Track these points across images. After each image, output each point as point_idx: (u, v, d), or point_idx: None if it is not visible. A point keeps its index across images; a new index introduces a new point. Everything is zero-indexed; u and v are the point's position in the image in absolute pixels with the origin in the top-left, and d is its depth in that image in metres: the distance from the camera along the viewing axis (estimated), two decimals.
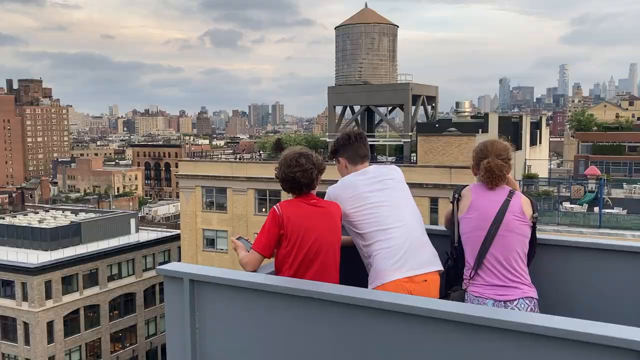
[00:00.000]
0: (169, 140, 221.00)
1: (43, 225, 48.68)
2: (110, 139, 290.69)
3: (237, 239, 3.31)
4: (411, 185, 3.54)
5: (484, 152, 3.36)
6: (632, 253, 3.27)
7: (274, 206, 3.16)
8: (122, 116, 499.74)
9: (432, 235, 3.59)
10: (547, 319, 2.07)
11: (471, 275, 3.22)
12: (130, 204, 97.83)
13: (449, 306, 2.25)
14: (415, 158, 37.77)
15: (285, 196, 3.33)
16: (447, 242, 3.50)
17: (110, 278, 47.89)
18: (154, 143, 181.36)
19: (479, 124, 40.75)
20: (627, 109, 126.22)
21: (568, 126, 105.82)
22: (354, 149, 3.58)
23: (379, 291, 3.05)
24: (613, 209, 29.89)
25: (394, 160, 42.49)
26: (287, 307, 2.53)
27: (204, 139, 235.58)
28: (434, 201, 33.47)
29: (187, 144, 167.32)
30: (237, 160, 46.12)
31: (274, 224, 3.11)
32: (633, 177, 50.42)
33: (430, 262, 3.29)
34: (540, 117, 65.63)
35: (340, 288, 2.56)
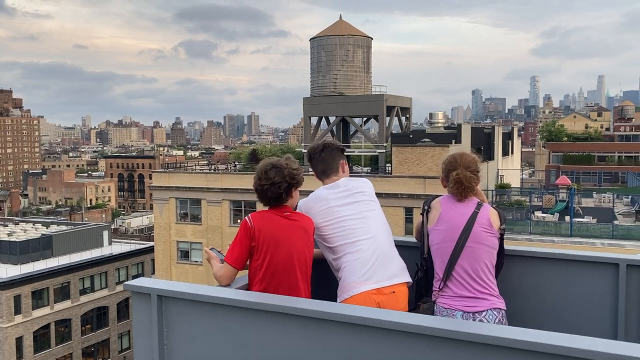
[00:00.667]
0: (143, 151, 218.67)
1: (12, 239, 47.53)
2: (83, 150, 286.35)
3: (211, 249, 3.29)
4: (386, 195, 3.59)
5: (453, 164, 3.39)
6: (598, 263, 3.33)
7: (246, 217, 3.13)
8: (95, 127, 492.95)
9: (403, 246, 3.61)
10: (514, 331, 2.09)
11: (440, 287, 3.24)
12: (103, 216, 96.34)
13: (415, 319, 2.25)
14: (390, 168, 38.01)
15: (260, 207, 3.30)
16: (417, 253, 3.52)
17: (83, 291, 46.97)
18: (128, 154, 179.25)
19: (452, 134, 41.23)
20: (595, 119, 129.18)
21: (539, 137, 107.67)
22: (322, 161, 3.57)
23: (346, 305, 3.04)
24: (583, 217, 30.46)
25: (369, 170, 42.70)
26: (256, 322, 2.51)
27: (179, 149, 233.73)
28: (408, 211, 33.70)
29: (161, 155, 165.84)
30: (212, 171, 45.81)
31: (246, 235, 3.08)
32: (602, 187, 51.46)
33: (398, 274, 3.29)
34: (512, 128, 66.67)
35: (307, 302, 2.55)
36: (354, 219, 3.34)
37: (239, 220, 38.50)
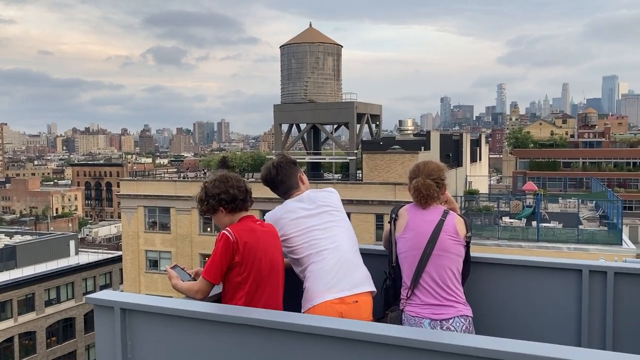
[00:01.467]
0: (111, 159, 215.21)
1: None
2: (49, 158, 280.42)
3: (172, 267, 3.20)
4: (357, 202, 3.60)
5: (416, 172, 3.42)
6: (562, 270, 3.38)
7: (224, 231, 3.04)
8: (61, 135, 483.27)
9: (372, 255, 3.61)
10: (480, 340, 2.10)
11: (408, 295, 3.25)
12: (70, 225, 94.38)
13: (378, 329, 2.25)
14: (360, 175, 38.19)
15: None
16: (386, 261, 3.52)
17: (48, 303, 45.84)
18: (95, 162, 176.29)
19: (421, 141, 41.71)
20: (560, 126, 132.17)
21: (506, 143, 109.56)
22: (282, 183, 3.56)
23: (308, 315, 3.03)
24: (550, 222, 31.03)
25: (340, 177, 42.83)
26: (221, 334, 2.48)
27: (147, 157, 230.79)
28: (379, 217, 33.92)
29: (130, 162, 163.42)
30: (181, 179, 45.34)
31: (228, 250, 2.99)
32: (568, 192, 52.63)
33: (362, 283, 3.29)
34: (480, 135, 67.78)
35: (269, 313, 2.54)
36: (319, 229, 3.34)
37: (209, 229, 38.15)
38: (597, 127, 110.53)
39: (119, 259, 47.75)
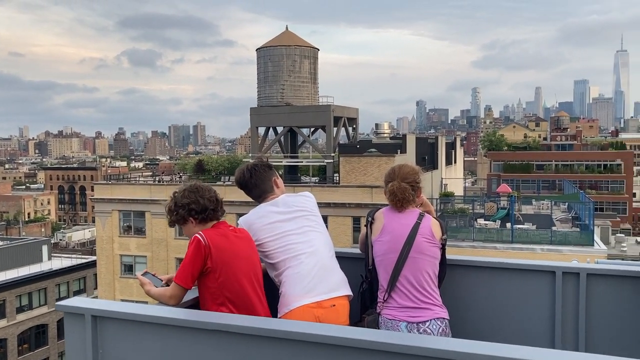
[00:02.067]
0: (85, 162, 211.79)
1: None
2: (20, 161, 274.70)
3: (143, 274, 3.15)
4: (334, 205, 3.59)
5: (391, 176, 3.43)
6: (536, 271, 3.42)
7: (197, 235, 3.00)
8: (33, 138, 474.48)
9: (348, 258, 3.61)
10: (455, 343, 2.12)
11: (384, 298, 3.25)
12: (43, 230, 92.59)
13: (354, 333, 2.25)
14: (337, 178, 38.26)
15: None
16: (362, 265, 3.52)
17: (20, 309, 44.87)
18: (68, 166, 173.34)
19: (397, 144, 41.95)
20: (534, 129, 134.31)
21: (481, 146, 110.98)
22: (255, 187, 3.54)
23: (285, 320, 3.01)
24: (524, 224, 31.46)
25: (317, 180, 42.85)
26: (196, 341, 2.45)
27: (122, 160, 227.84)
28: (356, 220, 34.01)
29: (104, 166, 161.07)
30: (157, 182, 44.86)
31: (199, 254, 2.95)
32: (541, 194, 53.44)
33: (339, 287, 3.29)
34: (455, 138, 68.56)
35: (244, 318, 2.52)
36: (295, 234, 3.33)
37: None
38: (569, 130, 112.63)
39: (93, 264, 47.00)
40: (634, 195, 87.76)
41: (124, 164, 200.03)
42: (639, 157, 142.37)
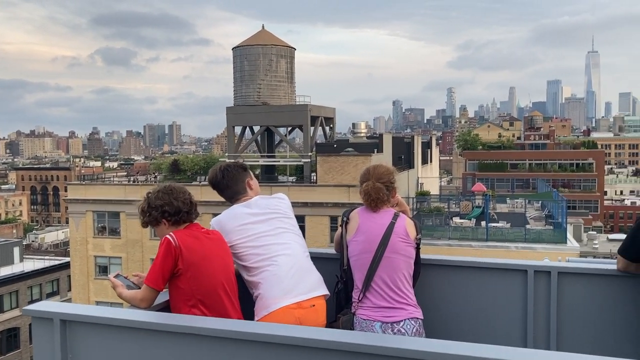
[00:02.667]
0: (58, 162, 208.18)
1: None
2: None
3: (115, 276, 3.10)
4: (312, 205, 3.58)
5: (366, 176, 3.44)
6: (509, 270, 3.46)
7: (167, 236, 2.97)
8: (4, 138, 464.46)
9: (323, 258, 3.61)
10: (430, 343, 2.14)
11: (359, 298, 3.26)
12: (14, 231, 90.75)
13: (334, 335, 2.24)
14: (315, 177, 38.27)
15: None
16: (337, 265, 3.52)
17: None
18: (41, 166, 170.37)
19: (374, 144, 42.12)
20: (508, 129, 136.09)
21: (456, 145, 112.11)
22: (227, 187, 3.51)
23: (263, 323, 2.99)
24: (498, 222, 31.89)
25: (294, 180, 42.79)
26: (169, 344, 2.41)
27: (96, 160, 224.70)
28: (333, 219, 34.06)
29: (77, 166, 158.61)
30: (131, 182, 44.32)
31: (169, 255, 2.91)
32: (515, 193, 54.18)
33: (317, 287, 3.29)
34: (431, 137, 69.10)
35: (218, 321, 2.49)
36: (269, 235, 3.31)
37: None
38: (542, 129, 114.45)
39: (66, 266, 46.30)
40: (606, 193, 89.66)
41: (98, 163, 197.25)
42: (610, 156, 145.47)
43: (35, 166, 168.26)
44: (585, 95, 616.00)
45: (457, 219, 32.61)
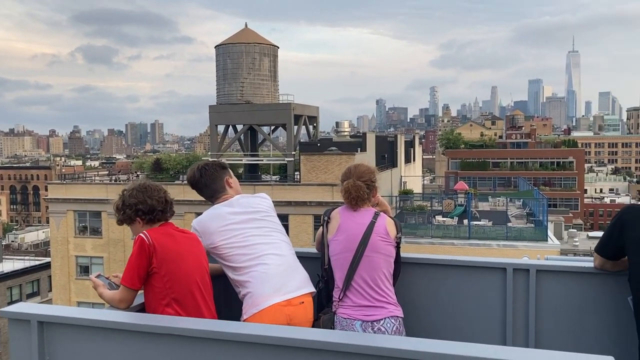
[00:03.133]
0: (38, 161, 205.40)
1: None
2: None
3: (97, 276, 3.07)
4: (295, 203, 3.58)
5: (347, 175, 3.46)
6: (488, 268, 3.49)
7: (141, 234, 2.96)
8: None
9: (305, 257, 3.61)
10: (410, 342, 2.15)
11: (340, 297, 3.27)
12: None
13: (319, 335, 2.25)
14: (298, 176, 38.25)
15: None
16: (318, 264, 3.53)
17: None
18: (21, 165, 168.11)
19: (358, 143, 42.21)
20: (490, 128, 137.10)
21: (439, 144, 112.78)
22: (206, 186, 3.50)
23: (240, 323, 2.99)
24: (480, 220, 32.12)
25: (278, 179, 42.73)
26: (149, 346, 2.39)
27: (77, 159, 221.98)
28: (317, 219, 34.05)
29: (58, 165, 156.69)
30: (113, 181, 43.92)
31: (143, 253, 2.90)
32: (497, 191, 54.65)
33: (304, 284, 3.31)
34: (414, 136, 69.40)
35: (199, 322, 2.48)
36: (256, 235, 3.31)
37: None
38: (523, 128, 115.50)
39: (47, 266, 45.72)
40: (586, 191, 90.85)
41: (80, 162, 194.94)
42: (590, 154, 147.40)
43: (15, 165, 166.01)
44: (565, 95, 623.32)
45: (439, 217, 32.80)
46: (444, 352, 1.98)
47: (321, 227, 3.48)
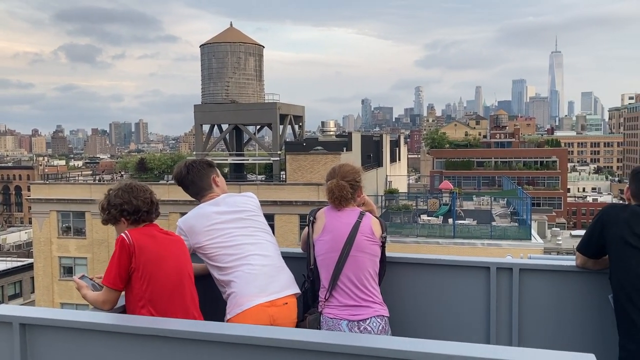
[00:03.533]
0: (20, 161, 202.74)
1: None
2: None
3: (81, 277, 3.06)
4: (281, 203, 3.58)
5: (332, 175, 3.47)
6: (472, 267, 3.52)
7: (122, 234, 2.95)
8: None
9: (290, 258, 3.61)
10: (395, 341, 2.17)
11: (326, 297, 3.28)
12: None
13: (303, 335, 2.25)
14: (284, 176, 38.20)
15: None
16: (304, 264, 3.53)
17: None
18: (3, 165, 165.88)
19: (343, 142, 42.22)
20: (474, 127, 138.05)
21: (424, 144, 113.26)
22: (192, 184, 3.49)
23: (224, 324, 2.99)
24: (465, 219, 32.32)
25: (263, 178, 42.64)
26: (136, 348, 2.38)
27: (60, 159, 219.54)
28: (303, 218, 34.04)
29: (41, 165, 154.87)
30: (97, 181, 43.53)
31: (124, 253, 2.89)
32: (481, 190, 55.04)
33: (289, 285, 3.32)
34: (399, 136, 69.68)
35: (183, 323, 2.47)
36: (242, 235, 3.31)
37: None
38: (507, 128, 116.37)
39: (30, 267, 45.23)
40: (569, 190, 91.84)
41: (63, 162, 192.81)
42: (572, 154, 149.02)
43: None
44: (549, 95, 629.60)
45: (424, 217, 32.95)
46: (429, 351, 2.00)
47: (307, 227, 3.48)
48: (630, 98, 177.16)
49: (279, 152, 41.99)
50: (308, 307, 3.41)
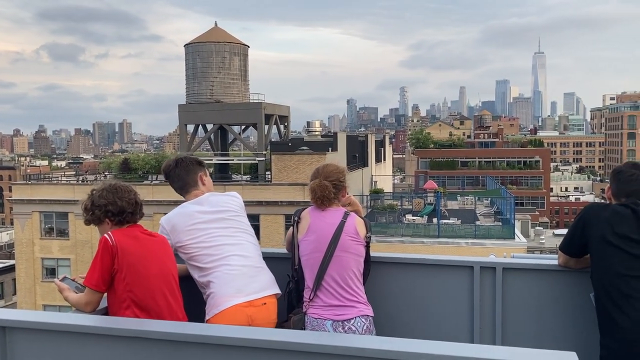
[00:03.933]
0: (1, 161, 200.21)
1: None
2: None
3: (62, 279, 3.03)
4: (267, 203, 3.57)
5: (316, 175, 3.47)
6: (456, 267, 3.54)
7: (105, 235, 2.92)
8: None
9: (275, 258, 3.61)
10: (380, 341, 2.18)
11: (311, 297, 3.27)
12: None
13: (284, 335, 2.25)
14: (269, 176, 38.13)
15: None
16: (289, 264, 3.53)
17: None
18: None
19: (329, 142, 42.26)
20: (458, 127, 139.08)
21: (408, 144, 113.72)
22: (178, 178, 3.48)
23: (207, 325, 2.98)
24: (449, 219, 32.52)
25: (249, 178, 42.53)
26: (118, 350, 2.36)
27: (43, 159, 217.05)
28: (288, 218, 34.01)
29: (23, 165, 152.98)
30: (80, 182, 43.10)
31: (107, 254, 2.86)
32: (465, 190, 55.40)
33: (268, 286, 3.31)
34: (384, 136, 69.87)
35: (166, 324, 2.46)
36: (223, 235, 3.30)
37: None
38: (491, 128, 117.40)
39: (11, 269, 44.65)
40: (551, 190, 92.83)
41: (45, 163, 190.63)
42: (555, 153, 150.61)
43: None
44: (532, 95, 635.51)
45: (409, 216, 33.11)
46: (413, 351, 2.01)
47: (292, 227, 3.48)
48: (612, 99, 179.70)
49: (264, 152, 41.90)
50: (293, 308, 3.41)
